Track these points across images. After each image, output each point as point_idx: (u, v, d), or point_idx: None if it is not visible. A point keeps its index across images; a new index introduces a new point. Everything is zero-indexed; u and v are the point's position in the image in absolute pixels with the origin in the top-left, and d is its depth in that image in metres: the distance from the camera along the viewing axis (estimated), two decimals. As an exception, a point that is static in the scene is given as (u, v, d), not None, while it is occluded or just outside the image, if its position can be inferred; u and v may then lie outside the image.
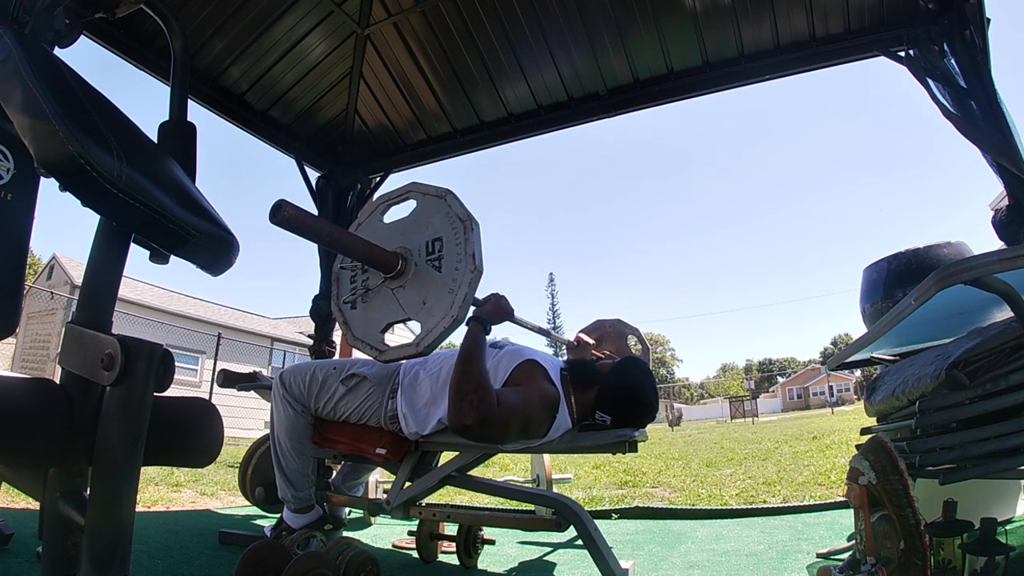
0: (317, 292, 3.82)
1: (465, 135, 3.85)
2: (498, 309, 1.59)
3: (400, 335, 1.54)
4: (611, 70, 3.30)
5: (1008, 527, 1.25)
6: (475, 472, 1.78)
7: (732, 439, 10.30)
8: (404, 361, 1.78)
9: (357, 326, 1.52)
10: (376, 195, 1.57)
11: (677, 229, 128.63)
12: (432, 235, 1.47)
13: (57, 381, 0.82)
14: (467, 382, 1.35)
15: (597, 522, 1.53)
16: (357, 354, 1.70)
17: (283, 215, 1.18)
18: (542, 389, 1.51)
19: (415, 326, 1.47)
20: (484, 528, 2.02)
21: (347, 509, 2.24)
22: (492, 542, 2.05)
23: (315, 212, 3.87)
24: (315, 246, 3.88)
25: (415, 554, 2.02)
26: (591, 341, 2.40)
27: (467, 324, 1.54)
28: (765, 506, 3.01)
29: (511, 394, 1.43)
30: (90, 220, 0.86)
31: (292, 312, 19.70)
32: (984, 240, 2.37)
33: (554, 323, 53.27)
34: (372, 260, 1.44)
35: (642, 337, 2.72)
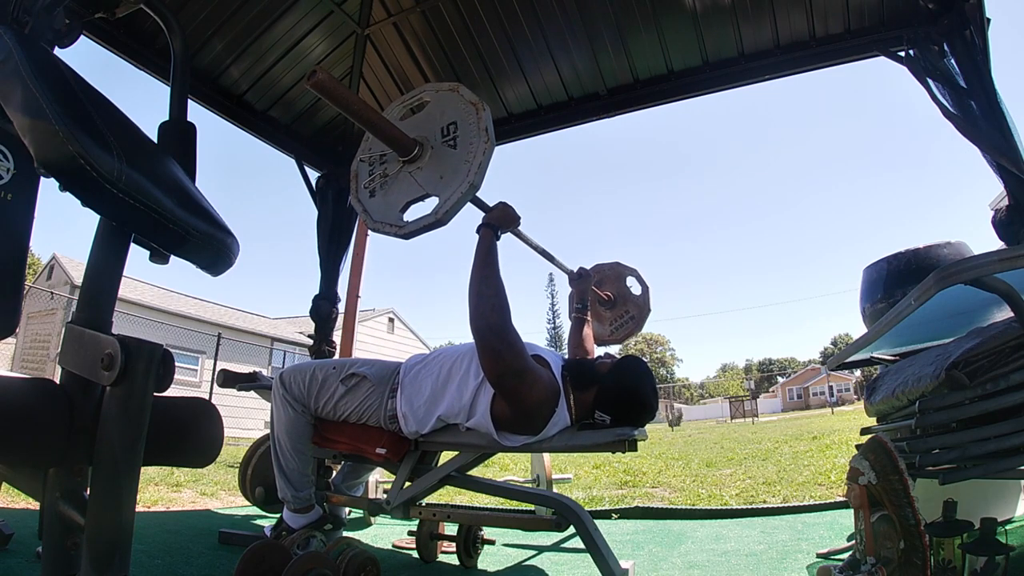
0: (317, 292, 3.82)
1: (465, 135, 3.84)
2: (506, 215, 1.62)
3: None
4: (611, 70, 3.29)
5: (1008, 527, 1.25)
6: (475, 472, 1.78)
7: (732, 439, 10.30)
8: (404, 361, 1.78)
9: (376, 211, 1.55)
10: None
11: (677, 229, 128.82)
12: (447, 121, 1.52)
13: (57, 381, 0.82)
14: (487, 286, 1.41)
15: (597, 522, 1.53)
16: (357, 355, 1.69)
17: (316, 79, 1.24)
18: (548, 375, 1.54)
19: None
20: (484, 528, 2.02)
21: (347, 509, 2.24)
22: (492, 542, 2.05)
23: (315, 212, 3.90)
24: (315, 247, 3.90)
25: (415, 554, 2.03)
26: (592, 275, 2.52)
27: (477, 231, 1.58)
28: (765, 506, 3.01)
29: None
30: (90, 220, 0.86)
31: (292, 312, 19.72)
32: (984, 240, 2.37)
33: (554, 323, 53.20)
34: (392, 139, 1.48)
35: (641, 276, 2.74)
